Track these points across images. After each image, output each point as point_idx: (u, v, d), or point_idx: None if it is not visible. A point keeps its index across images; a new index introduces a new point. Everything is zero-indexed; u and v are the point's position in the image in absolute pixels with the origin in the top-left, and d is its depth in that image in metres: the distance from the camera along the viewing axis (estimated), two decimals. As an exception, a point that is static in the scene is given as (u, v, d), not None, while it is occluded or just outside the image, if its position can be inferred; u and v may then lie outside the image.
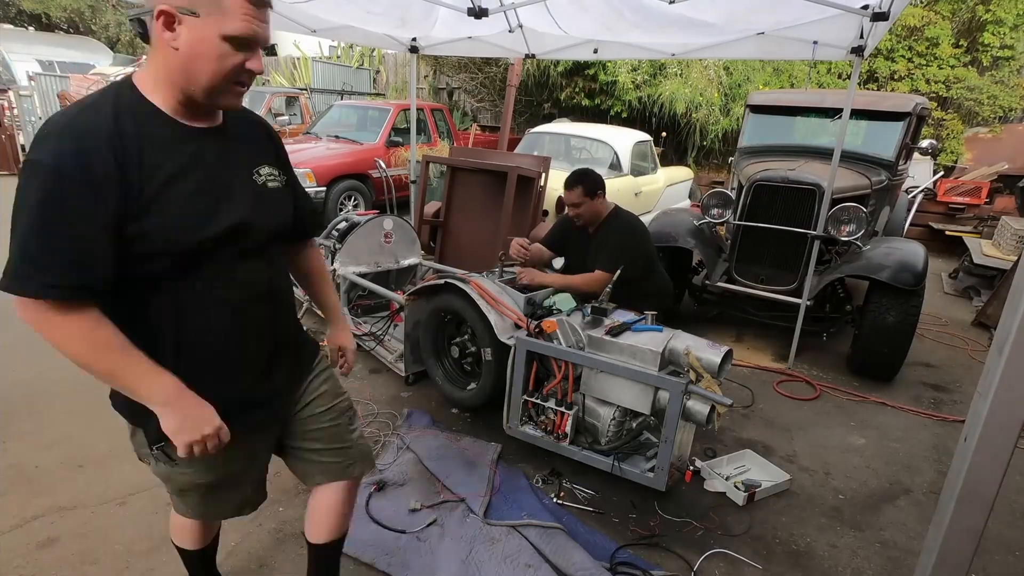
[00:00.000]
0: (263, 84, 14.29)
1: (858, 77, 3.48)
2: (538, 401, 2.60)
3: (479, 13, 3.64)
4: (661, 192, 6.81)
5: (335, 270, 3.87)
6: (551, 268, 3.84)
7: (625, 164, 6.10)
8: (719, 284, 4.24)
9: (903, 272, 3.49)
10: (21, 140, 10.28)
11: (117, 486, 2.42)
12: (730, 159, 5.48)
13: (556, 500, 2.46)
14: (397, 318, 3.58)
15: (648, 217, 5.00)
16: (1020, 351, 1.06)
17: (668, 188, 6.98)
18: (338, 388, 1.58)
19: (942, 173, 8.30)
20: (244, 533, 2.20)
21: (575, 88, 9.84)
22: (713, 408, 2.24)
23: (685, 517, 2.41)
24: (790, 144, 4.89)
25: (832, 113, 4.58)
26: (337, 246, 3.94)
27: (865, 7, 3.12)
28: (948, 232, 7.66)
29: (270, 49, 19.32)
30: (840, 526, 2.45)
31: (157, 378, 1.13)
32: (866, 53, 3.53)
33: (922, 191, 7.33)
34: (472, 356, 3.10)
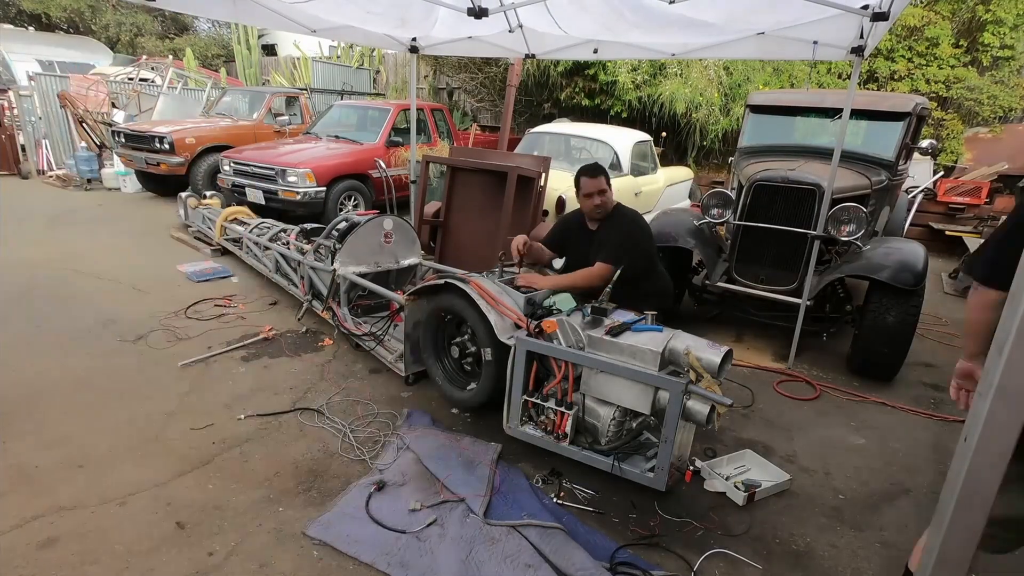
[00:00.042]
0: (263, 84, 14.33)
1: (858, 77, 3.48)
2: (538, 401, 2.60)
3: (479, 13, 3.63)
4: (661, 192, 6.81)
5: (335, 270, 3.88)
6: (551, 269, 3.84)
7: (625, 164, 6.10)
8: (719, 284, 4.24)
9: (903, 272, 3.49)
10: (21, 140, 10.26)
11: (117, 486, 2.43)
12: (730, 159, 5.48)
13: (556, 500, 2.46)
14: (397, 318, 3.59)
15: (648, 217, 4.99)
16: (1020, 351, 1.05)
17: (668, 188, 6.98)
18: None
19: (942, 173, 8.30)
20: (244, 533, 2.20)
21: (575, 88, 9.84)
22: (713, 408, 2.24)
23: (685, 517, 2.41)
24: (790, 144, 4.89)
25: (832, 113, 4.58)
26: (337, 246, 3.94)
27: (865, 7, 3.12)
28: (948, 232, 7.66)
29: (270, 49, 19.35)
30: (840, 526, 2.45)
31: None
32: (866, 53, 3.53)
33: (922, 191, 7.34)
34: (472, 356, 3.10)
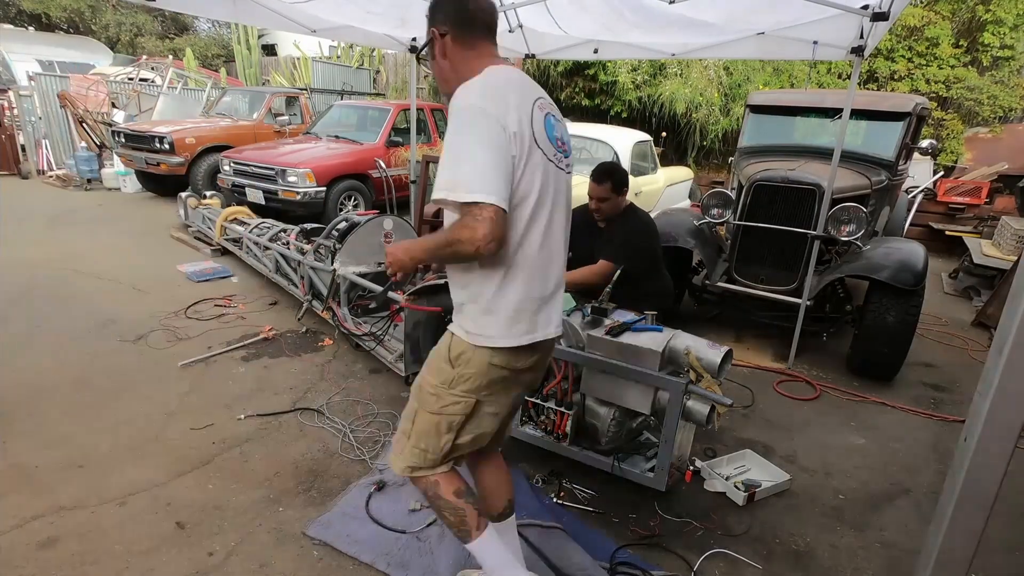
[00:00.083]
0: (263, 84, 14.32)
1: (858, 77, 3.48)
2: (538, 401, 2.60)
3: (479, 13, 3.63)
4: (661, 192, 6.81)
5: (335, 270, 3.87)
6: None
7: (625, 164, 6.08)
8: (719, 284, 4.23)
9: (903, 272, 3.49)
10: (21, 140, 10.23)
11: (117, 486, 2.43)
12: (730, 159, 5.48)
13: (556, 500, 2.46)
14: (397, 318, 3.59)
15: (648, 217, 5.01)
16: (1020, 351, 1.06)
17: (668, 188, 6.98)
18: None
19: (942, 173, 8.30)
20: (244, 533, 2.20)
21: (575, 88, 9.84)
22: (713, 408, 2.24)
23: (685, 517, 2.41)
24: (790, 144, 4.89)
25: (832, 113, 4.58)
26: (337, 246, 3.94)
27: (865, 7, 3.12)
28: (948, 232, 7.66)
29: (270, 49, 19.34)
30: (840, 526, 2.45)
31: None
32: (866, 53, 3.53)
33: (922, 191, 7.33)
34: (472, 356, 3.09)
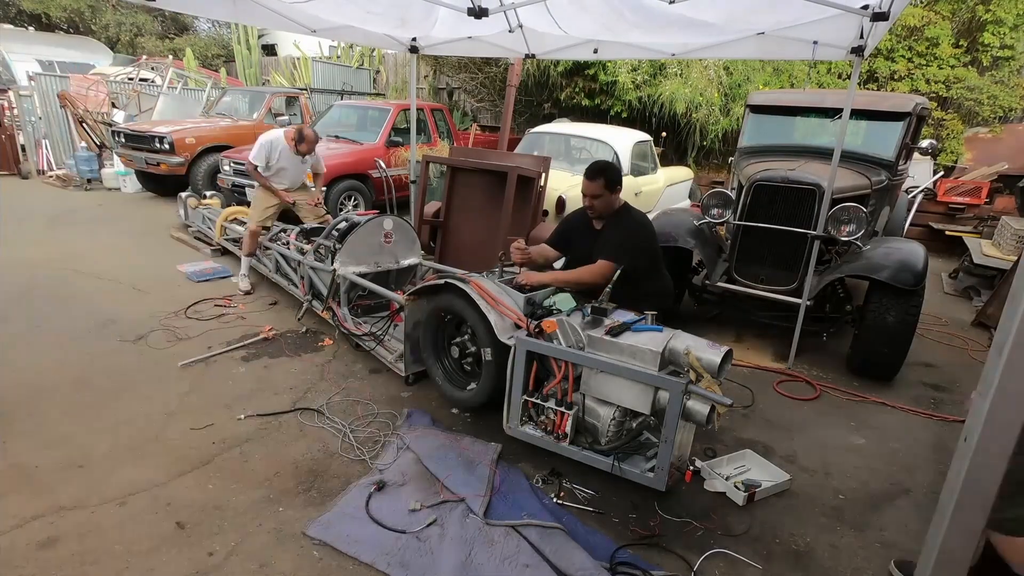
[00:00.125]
0: (263, 84, 14.33)
1: (858, 77, 3.48)
2: (538, 401, 2.60)
3: (479, 13, 3.63)
4: (661, 192, 6.81)
5: (335, 270, 3.88)
6: (551, 269, 3.83)
7: (625, 164, 6.09)
8: (719, 284, 4.23)
9: (903, 272, 3.49)
10: (21, 140, 10.25)
11: (117, 486, 2.43)
12: (730, 159, 5.48)
13: (556, 500, 2.46)
14: (397, 318, 3.59)
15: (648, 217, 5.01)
16: (1020, 351, 1.06)
17: (668, 188, 6.98)
18: None
19: (942, 173, 8.30)
20: (244, 533, 2.20)
21: (575, 88, 9.83)
22: (713, 408, 2.24)
23: (685, 517, 2.41)
24: (790, 144, 4.89)
25: (832, 113, 4.58)
26: (337, 246, 3.95)
27: (865, 7, 3.12)
28: (948, 232, 7.66)
29: (270, 49, 19.32)
30: (840, 526, 2.45)
31: None
32: (866, 53, 3.53)
33: (922, 191, 7.33)
34: (472, 356, 3.10)
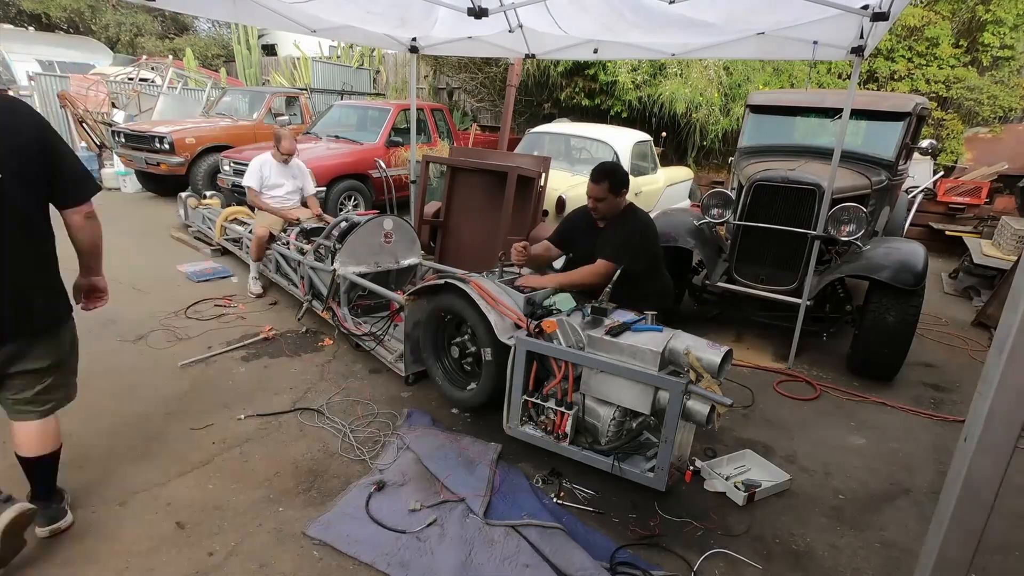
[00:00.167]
0: (263, 84, 14.32)
1: (858, 77, 3.48)
2: (538, 401, 2.60)
3: (479, 13, 3.63)
4: (661, 192, 6.81)
5: (335, 270, 3.87)
6: (551, 268, 3.83)
7: (625, 164, 6.08)
8: (719, 284, 4.23)
9: (903, 272, 3.49)
10: (21, 140, 10.24)
11: (117, 486, 2.43)
12: (730, 159, 5.48)
13: (556, 500, 2.46)
14: (397, 318, 3.59)
15: (648, 217, 5.01)
16: (1020, 351, 1.06)
17: (668, 188, 6.98)
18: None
19: (942, 173, 8.30)
20: (244, 533, 2.20)
21: (575, 88, 9.83)
22: (713, 408, 2.24)
23: (685, 517, 2.41)
24: (790, 144, 4.89)
25: (832, 113, 4.58)
26: (337, 246, 3.95)
27: (865, 7, 3.11)
28: (948, 232, 7.66)
29: (270, 49, 19.31)
30: (840, 526, 2.45)
31: None
32: (866, 53, 3.53)
33: (922, 191, 7.33)
34: (472, 356, 3.10)
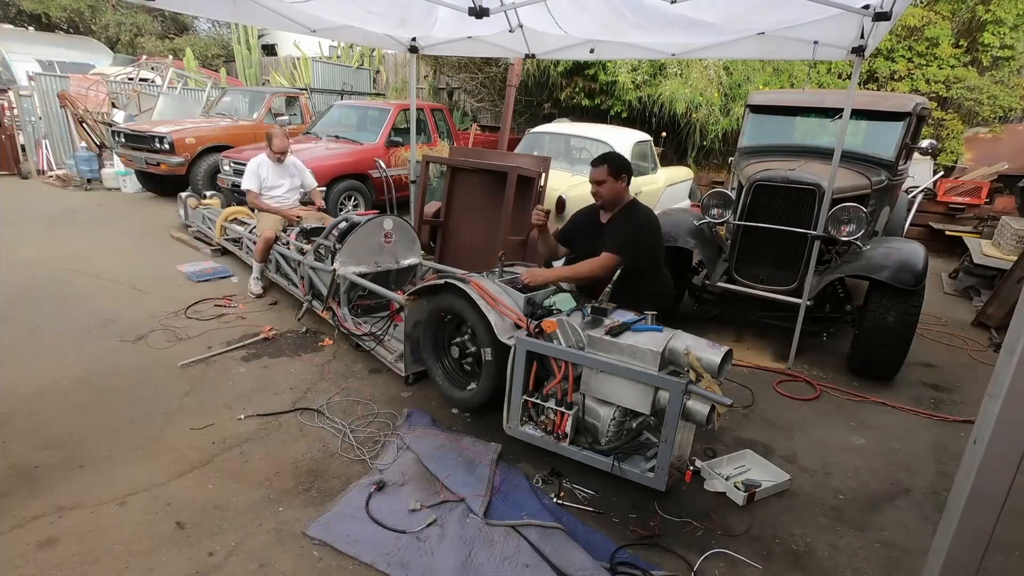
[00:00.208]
0: (263, 84, 14.32)
1: (858, 77, 3.48)
2: (538, 401, 2.60)
3: (479, 13, 3.62)
4: (661, 192, 6.81)
5: (335, 270, 3.87)
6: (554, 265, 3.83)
7: (625, 164, 6.09)
8: (719, 284, 4.23)
9: (903, 272, 3.49)
10: (21, 140, 10.25)
11: (117, 486, 2.42)
12: (730, 159, 5.48)
13: (556, 500, 2.46)
14: (397, 318, 3.58)
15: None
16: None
17: (668, 188, 6.98)
18: None
19: (942, 173, 8.30)
20: (244, 533, 2.20)
21: (575, 88, 9.82)
22: (713, 408, 2.24)
23: (685, 517, 2.41)
24: (790, 144, 4.89)
25: (832, 113, 4.58)
26: (337, 246, 3.94)
27: (866, 7, 3.11)
28: (948, 232, 7.66)
29: (270, 49, 19.30)
30: (840, 526, 2.45)
31: None
32: (867, 53, 3.52)
33: (922, 191, 7.33)
34: (472, 356, 3.10)
